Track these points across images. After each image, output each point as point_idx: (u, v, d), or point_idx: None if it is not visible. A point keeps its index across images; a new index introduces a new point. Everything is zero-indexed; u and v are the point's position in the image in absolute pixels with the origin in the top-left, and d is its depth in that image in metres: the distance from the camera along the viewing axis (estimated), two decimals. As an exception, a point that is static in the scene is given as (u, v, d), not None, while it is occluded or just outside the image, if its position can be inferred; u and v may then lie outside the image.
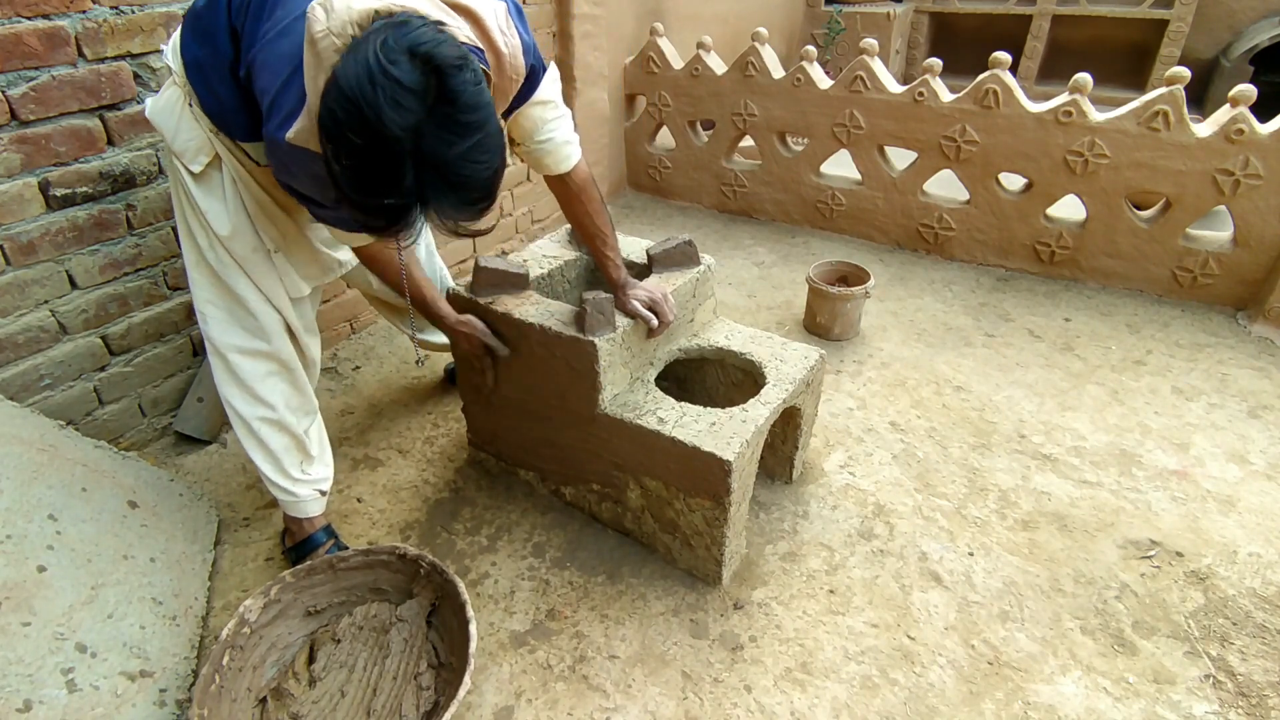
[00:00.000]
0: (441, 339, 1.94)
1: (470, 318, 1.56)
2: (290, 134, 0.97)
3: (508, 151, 1.04)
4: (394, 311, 1.96)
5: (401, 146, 0.82)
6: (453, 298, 1.60)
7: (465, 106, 0.84)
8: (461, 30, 0.97)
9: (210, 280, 1.36)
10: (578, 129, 1.39)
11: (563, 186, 1.43)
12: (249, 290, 1.35)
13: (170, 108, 1.26)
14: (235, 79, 1.17)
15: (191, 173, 1.27)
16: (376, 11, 0.88)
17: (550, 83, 1.27)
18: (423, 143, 0.82)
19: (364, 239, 1.30)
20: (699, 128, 3.41)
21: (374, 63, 0.80)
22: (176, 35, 1.25)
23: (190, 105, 1.24)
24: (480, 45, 1.03)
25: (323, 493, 1.56)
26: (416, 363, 2.33)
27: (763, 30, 3.03)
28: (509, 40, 1.07)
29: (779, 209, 3.31)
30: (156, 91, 1.72)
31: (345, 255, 1.58)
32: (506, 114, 1.24)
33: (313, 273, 1.47)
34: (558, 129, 1.32)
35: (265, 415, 1.44)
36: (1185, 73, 2.28)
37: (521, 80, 1.16)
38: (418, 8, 0.91)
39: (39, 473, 1.34)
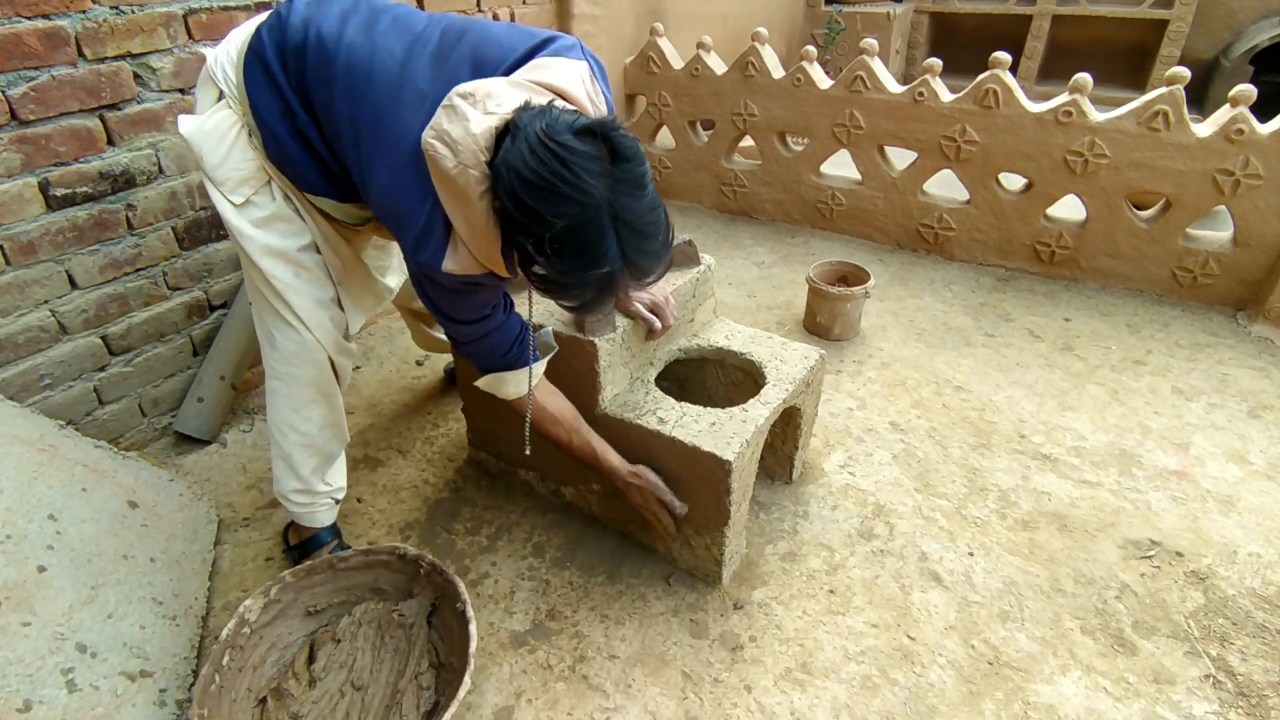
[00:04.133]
0: (445, 339, 1.94)
1: (643, 469, 1.44)
2: (448, 266, 1.01)
3: None
4: (419, 319, 1.96)
5: (603, 212, 0.86)
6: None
7: (638, 160, 0.89)
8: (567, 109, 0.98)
9: (257, 301, 1.34)
10: None
11: None
12: (291, 316, 1.32)
13: (219, 133, 1.18)
14: (305, 141, 1.16)
15: (232, 203, 1.22)
16: (496, 128, 0.90)
17: None
18: (617, 204, 0.87)
19: (510, 380, 1.27)
20: (699, 128, 3.41)
21: (552, 146, 0.84)
22: (234, 54, 1.18)
23: (251, 137, 1.19)
24: None
25: (337, 501, 1.56)
26: (417, 363, 2.34)
27: (763, 30, 3.03)
28: (598, 107, 1.09)
29: (779, 209, 3.31)
30: (157, 91, 1.73)
31: (394, 282, 1.57)
32: None
33: (369, 303, 1.48)
34: None
35: (301, 441, 1.43)
36: (1185, 73, 2.28)
37: None
38: (525, 102, 0.93)
39: (39, 473, 1.34)
